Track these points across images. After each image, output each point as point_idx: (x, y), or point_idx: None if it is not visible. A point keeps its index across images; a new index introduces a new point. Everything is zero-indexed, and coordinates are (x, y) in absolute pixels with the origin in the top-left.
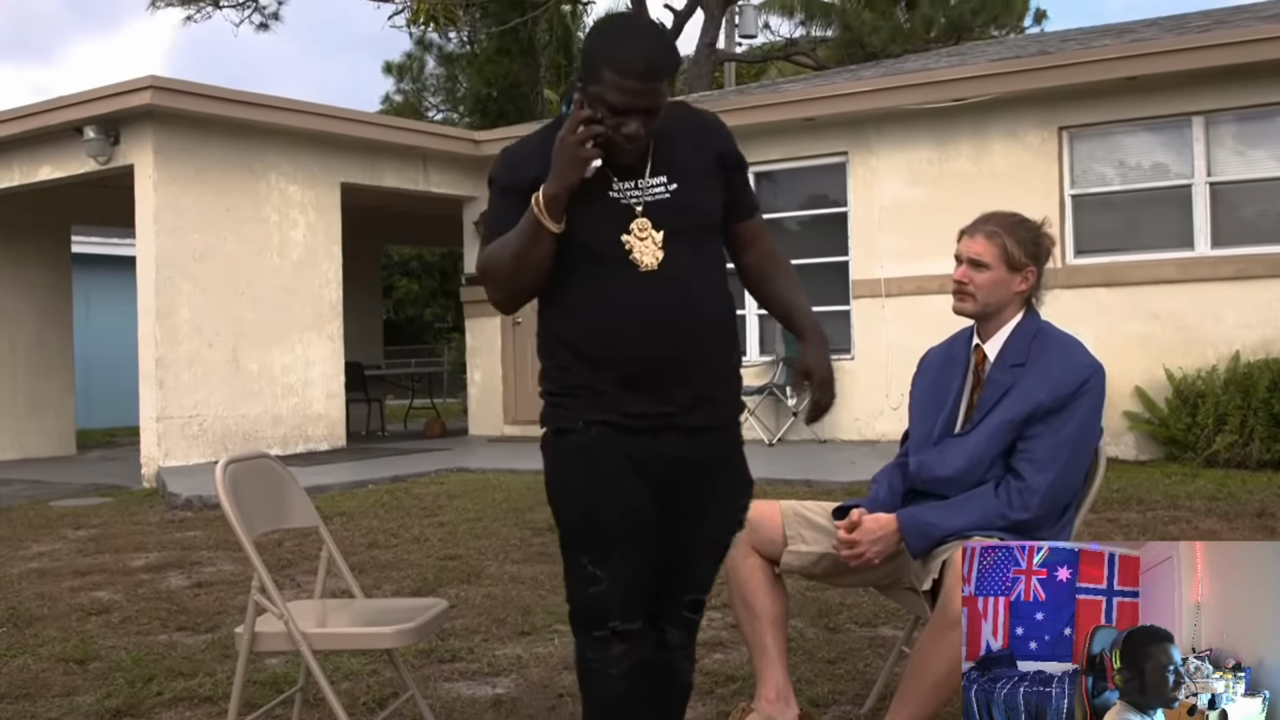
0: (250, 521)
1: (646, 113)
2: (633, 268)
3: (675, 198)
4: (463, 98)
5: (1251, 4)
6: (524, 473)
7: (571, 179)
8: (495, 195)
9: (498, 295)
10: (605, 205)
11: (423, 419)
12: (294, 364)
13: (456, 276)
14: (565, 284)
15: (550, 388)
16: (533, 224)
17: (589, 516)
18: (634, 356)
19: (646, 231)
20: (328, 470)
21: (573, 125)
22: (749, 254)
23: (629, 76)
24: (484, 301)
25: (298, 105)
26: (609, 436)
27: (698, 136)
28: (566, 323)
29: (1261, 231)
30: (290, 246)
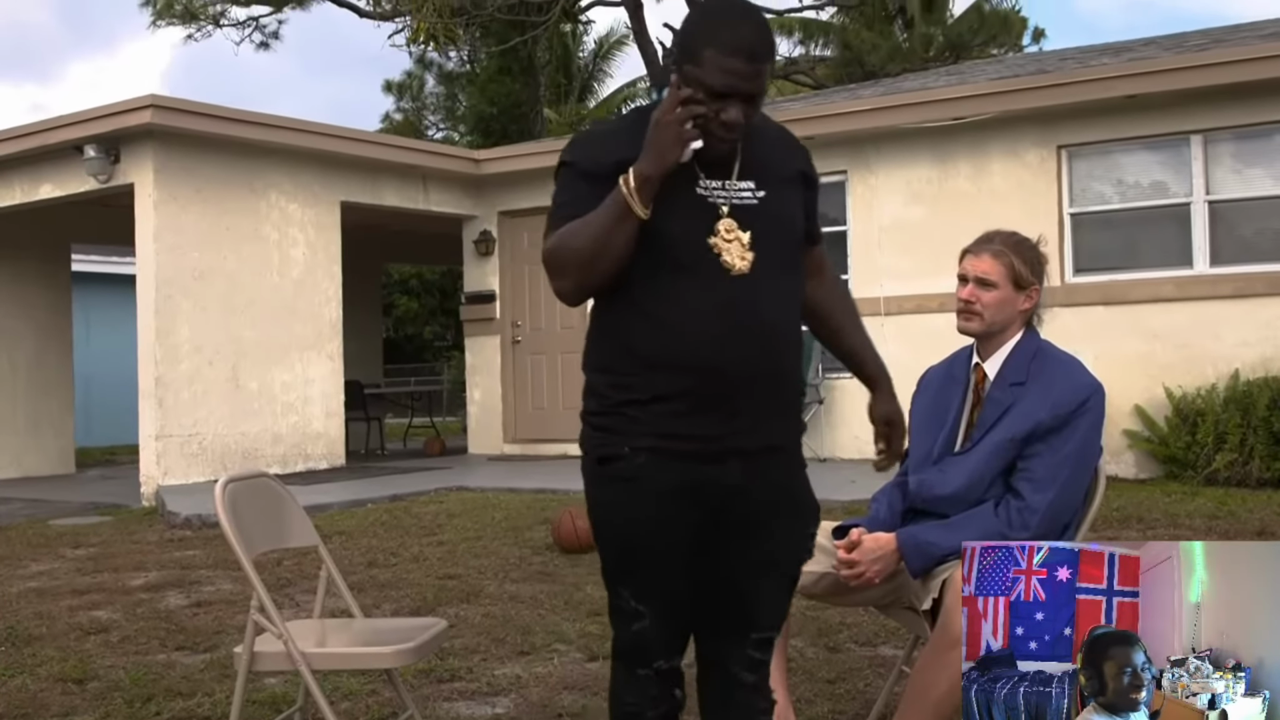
0: (249, 541)
1: (748, 99)
2: (722, 270)
3: (763, 205)
4: (462, 116)
5: (1249, 23)
6: (523, 491)
7: (670, 159)
8: (570, 179)
9: (567, 283)
10: (691, 201)
11: (422, 437)
12: (294, 382)
13: (456, 295)
14: (639, 284)
15: (596, 406)
16: (620, 206)
17: (633, 551)
18: (717, 367)
19: (733, 233)
20: (327, 489)
21: (672, 104)
22: (811, 283)
23: (733, 56)
24: (484, 320)
25: (298, 124)
26: (659, 464)
27: (784, 148)
28: (638, 328)
29: (1260, 250)
30: (290, 265)
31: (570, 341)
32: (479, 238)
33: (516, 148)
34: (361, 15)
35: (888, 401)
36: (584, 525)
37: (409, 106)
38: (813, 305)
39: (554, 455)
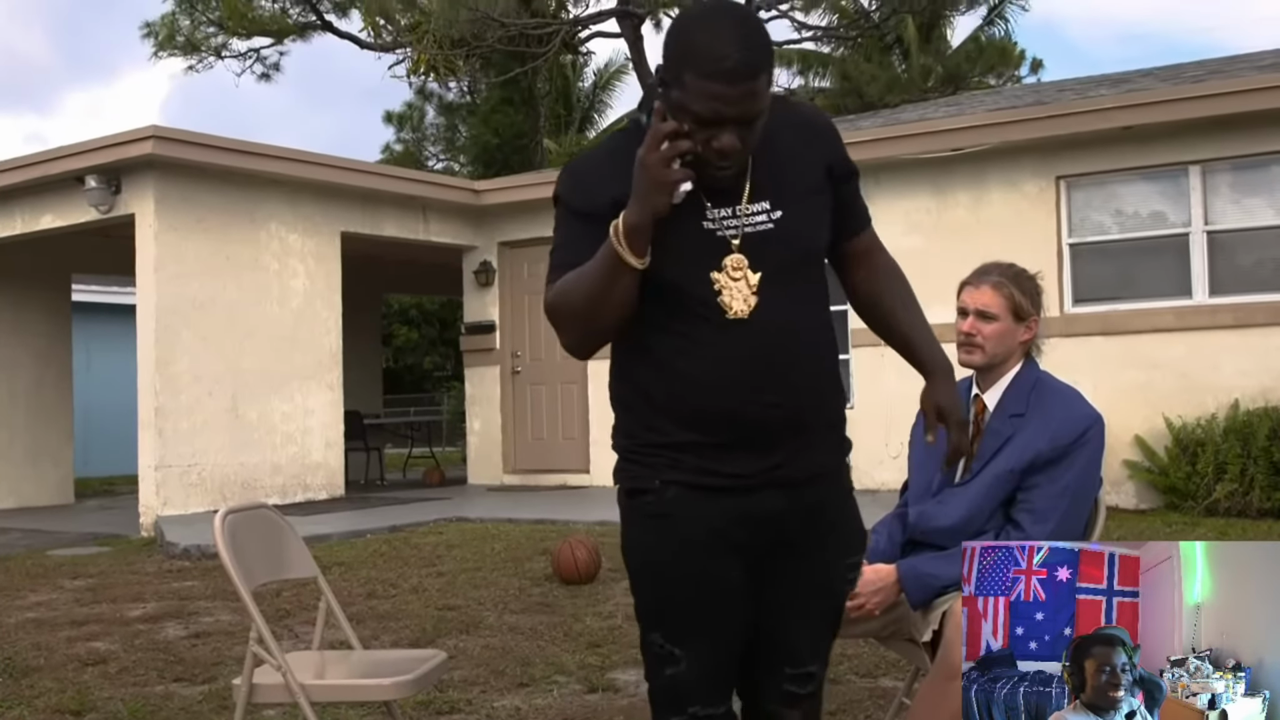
0: (248, 572)
1: (742, 122)
2: (720, 313)
3: (780, 228)
4: (463, 147)
5: (1246, 54)
6: (523, 522)
7: (657, 206)
8: (564, 218)
9: (569, 340)
10: (696, 237)
11: (422, 468)
12: (293, 413)
13: (456, 325)
14: (647, 329)
15: (624, 441)
16: (611, 258)
17: (664, 591)
18: (722, 417)
19: (741, 271)
20: (326, 520)
21: (654, 142)
22: (860, 272)
23: (715, 79)
24: (484, 350)
25: (298, 155)
26: (691, 499)
27: (803, 143)
28: (644, 372)
29: (1259, 279)
30: (290, 295)
31: (570, 372)
32: (479, 268)
33: (516, 178)
34: (362, 46)
35: (940, 391)
36: (583, 556)
37: (409, 137)
38: (860, 294)
39: (553, 486)
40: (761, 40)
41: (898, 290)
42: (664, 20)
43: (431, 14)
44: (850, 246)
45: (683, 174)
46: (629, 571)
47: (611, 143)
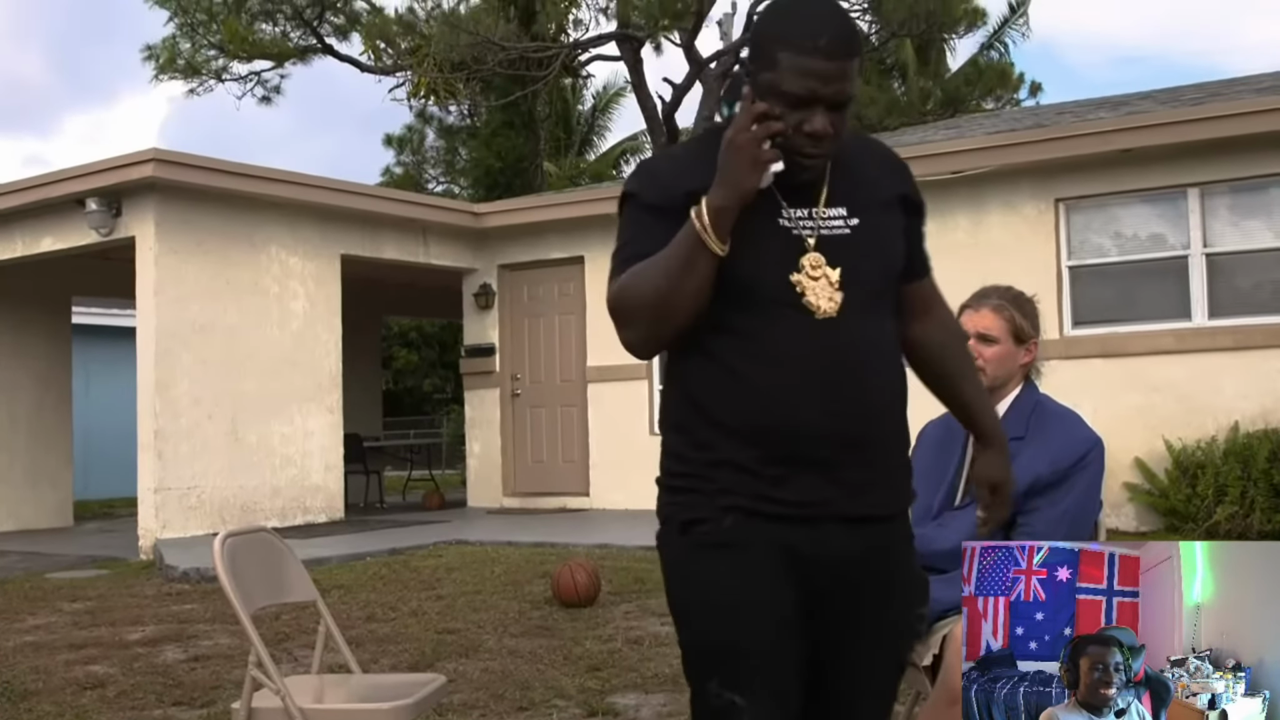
0: (248, 595)
1: (834, 104)
2: (806, 314)
3: (856, 235)
4: (463, 170)
5: (1243, 77)
6: (523, 545)
7: (747, 186)
8: (634, 213)
9: (636, 334)
10: (772, 234)
11: (421, 490)
12: (293, 435)
13: (456, 348)
14: (713, 331)
15: (677, 467)
16: (692, 243)
17: (725, 630)
18: (804, 427)
19: (820, 269)
20: (326, 543)
21: (746, 121)
22: (919, 324)
23: (812, 55)
24: (483, 373)
25: (298, 178)
26: (754, 527)
27: (880, 168)
28: (704, 382)
29: (1258, 302)
30: (290, 318)
31: (569, 395)
32: (479, 291)
33: (516, 201)
34: (363, 70)
35: (995, 464)
36: (583, 579)
37: (409, 160)
38: (920, 348)
39: (553, 509)
40: (853, 24)
41: (960, 352)
42: (663, 43)
43: (432, 38)
44: (912, 291)
45: (773, 154)
46: (679, 614)
47: (688, 144)
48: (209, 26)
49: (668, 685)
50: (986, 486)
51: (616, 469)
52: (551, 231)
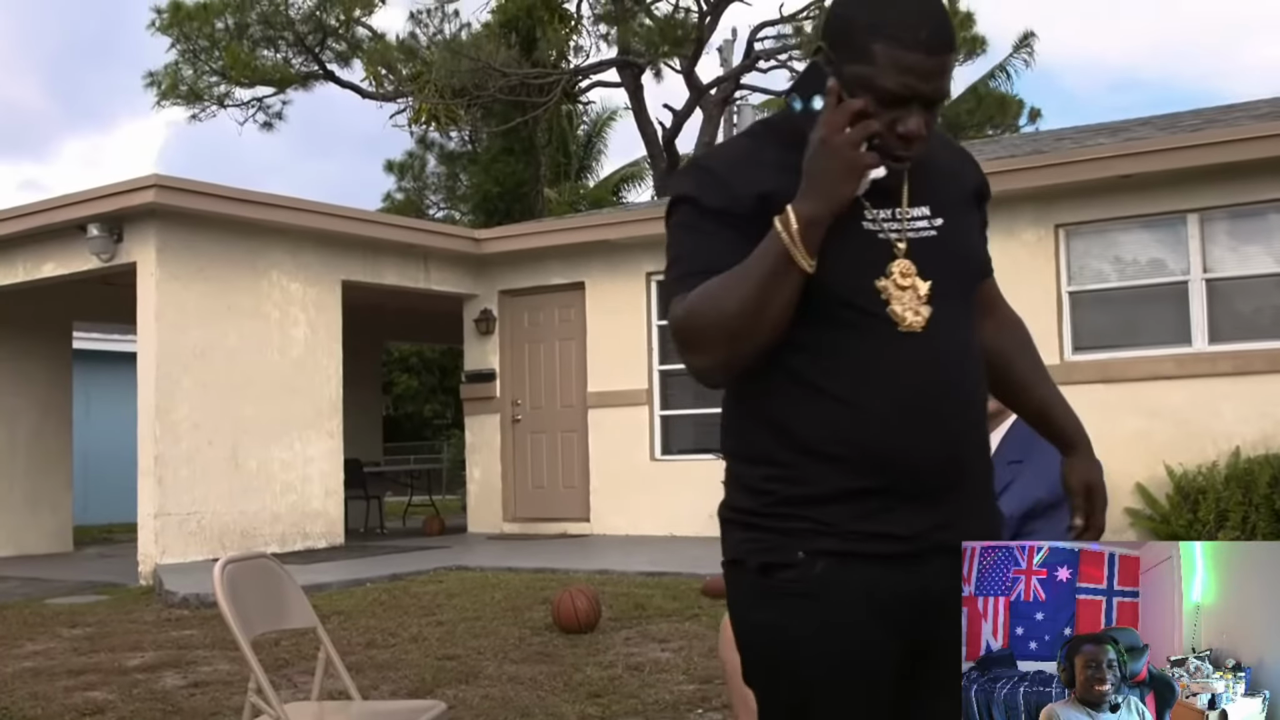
0: (247, 621)
1: (930, 103)
2: (890, 326)
3: (943, 236)
4: (463, 196)
5: (1242, 103)
6: (523, 571)
7: (844, 194)
8: (693, 220)
9: (710, 359)
10: (857, 238)
11: (422, 516)
12: (293, 461)
13: (456, 373)
14: (793, 347)
15: (751, 503)
16: (779, 258)
17: (811, 690)
18: (892, 455)
19: (910, 277)
20: (326, 568)
21: (840, 120)
22: (988, 323)
23: (913, 49)
24: (484, 399)
25: (299, 204)
26: (846, 572)
27: (952, 158)
28: (784, 404)
29: (1258, 327)
30: (291, 344)
31: (570, 420)
32: (479, 316)
33: (517, 227)
34: (364, 96)
35: (1087, 466)
36: (584, 605)
37: (410, 186)
38: (990, 353)
39: (553, 534)
40: (950, 20)
41: (1031, 351)
42: (663, 70)
43: (433, 64)
44: (981, 290)
45: (874, 158)
46: (753, 664)
47: (739, 140)
48: (211, 53)
49: (668, 712)
50: (1081, 492)
51: (617, 494)
52: (552, 257)
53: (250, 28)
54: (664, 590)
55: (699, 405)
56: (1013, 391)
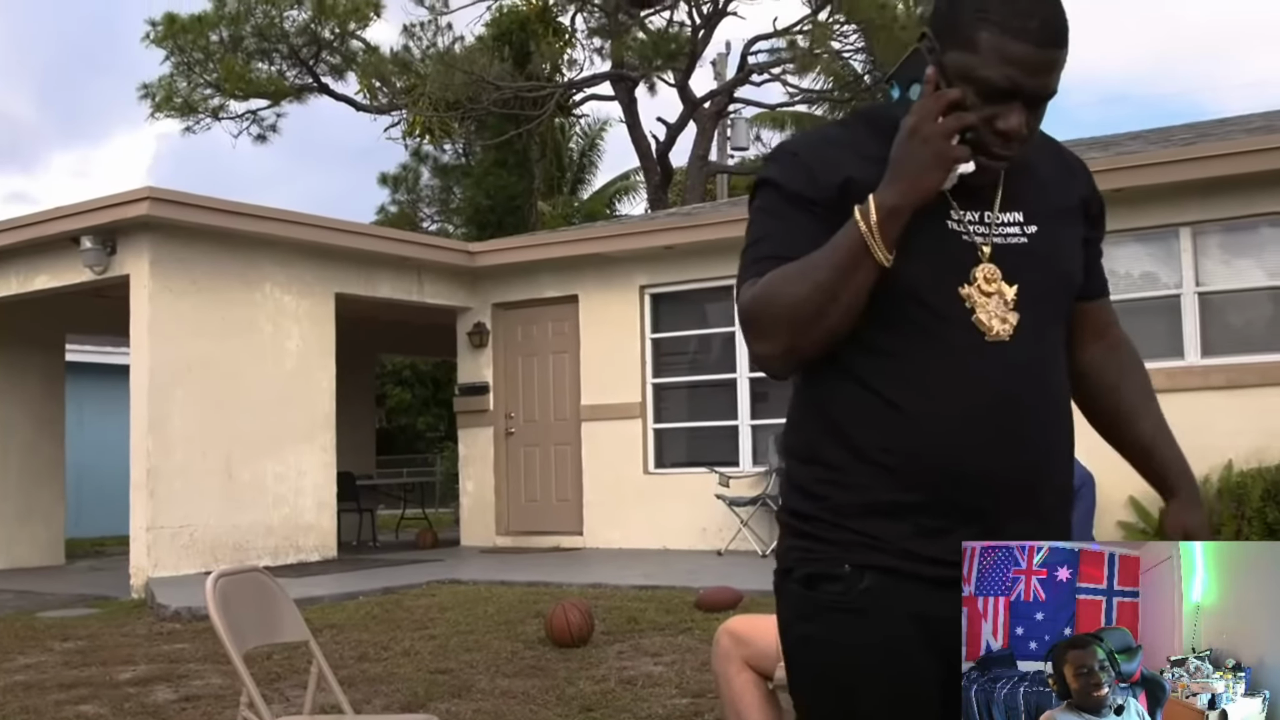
0: (239, 635)
1: (1035, 100)
2: (975, 333)
3: (1035, 244)
4: (457, 209)
5: (1234, 117)
6: (516, 584)
7: (930, 185)
8: (774, 204)
9: (774, 346)
10: (940, 237)
11: (415, 529)
12: (286, 474)
13: (449, 386)
14: (861, 348)
15: (806, 507)
16: (855, 248)
17: (852, 708)
18: (971, 470)
19: (995, 283)
20: (318, 581)
21: (935, 109)
22: (1095, 348)
23: (1021, 39)
24: (477, 412)
25: (293, 216)
26: (893, 589)
27: (1061, 169)
28: (859, 409)
29: (1251, 340)
30: (284, 356)
31: (563, 433)
32: (473, 329)
33: (510, 240)
34: (358, 109)
35: (1190, 512)
36: (576, 619)
37: (404, 199)
38: (1091, 378)
39: (546, 548)
40: (1065, 13)
41: (1142, 383)
42: (657, 83)
43: (427, 77)
44: (1088, 311)
45: (965, 151)
46: (798, 677)
47: (837, 124)
48: (206, 65)
49: None
50: (1180, 538)
51: (610, 508)
52: (545, 271)
53: (245, 40)
54: (657, 604)
55: (692, 419)
56: (1116, 424)
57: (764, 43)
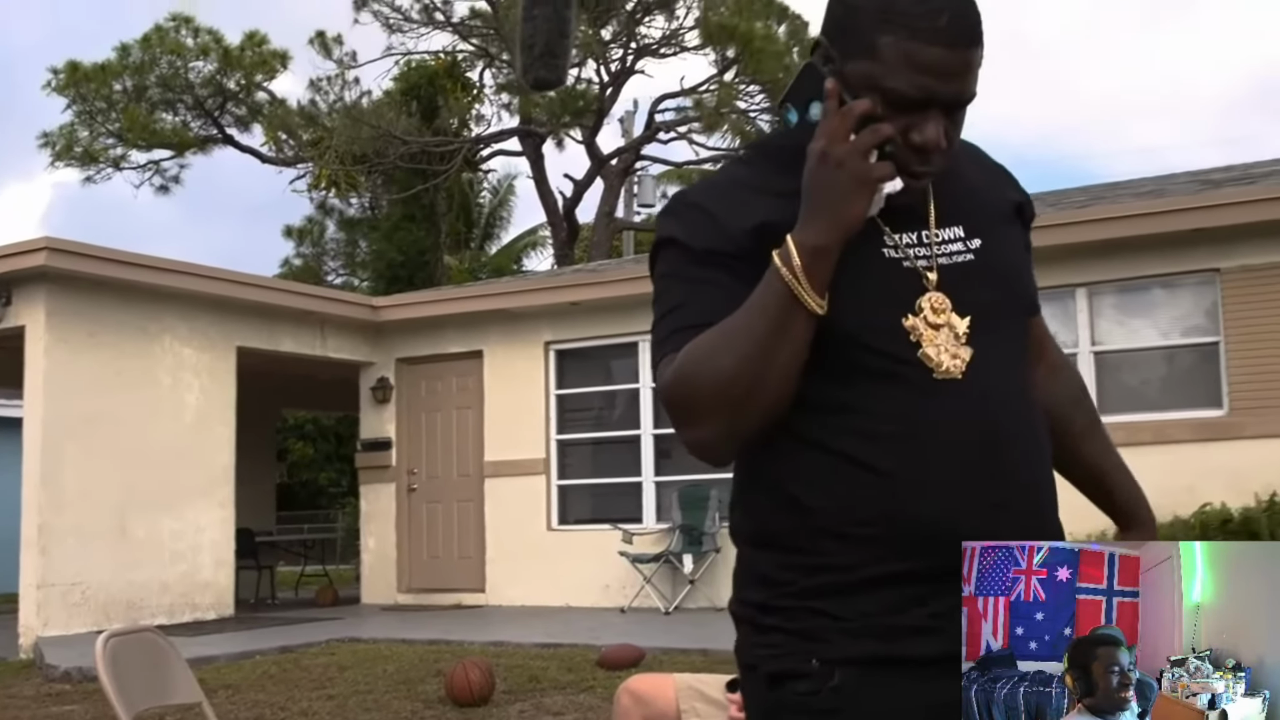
0: (130, 698)
1: (952, 107)
2: (924, 373)
3: (983, 259)
4: (363, 262)
5: (1127, 180)
6: (417, 643)
7: (853, 216)
8: (680, 265)
9: (709, 432)
10: (878, 269)
11: (315, 586)
12: (183, 531)
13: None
14: (814, 406)
15: (762, 595)
16: (781, 300)
17: None
18: (929, 532)
19: (943, 313)
20: (214, 640)
21: (844, 126)
22: (1037, 370)
23: (929, 41)
24: (380, 467)
25: (194, 269)
26: (874, 683)
27: (989, 173)
28: (813, 474)
29: (1145, 399)
30: (183, 410)
31: (466, 490)
32: (376, 384)
33: (415, 295)
34: (264, 160)
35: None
36: (477, 678)
37: (309, 252)
38: (1043, 404)
39: (448, 605)
40: (974, 4)
41: (1086, 402)
42: (565, 140)
43: (334, 130)
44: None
45: (888, 168)
46: None
47: (732, 167)
48: (108, 115)
49: None
50: None
51: (513, 565)
52: (450, 325)
53: (149, 90)
54: (559, 662)
55: (596, 475)
56: (1068, 450)
57: (671, 101)
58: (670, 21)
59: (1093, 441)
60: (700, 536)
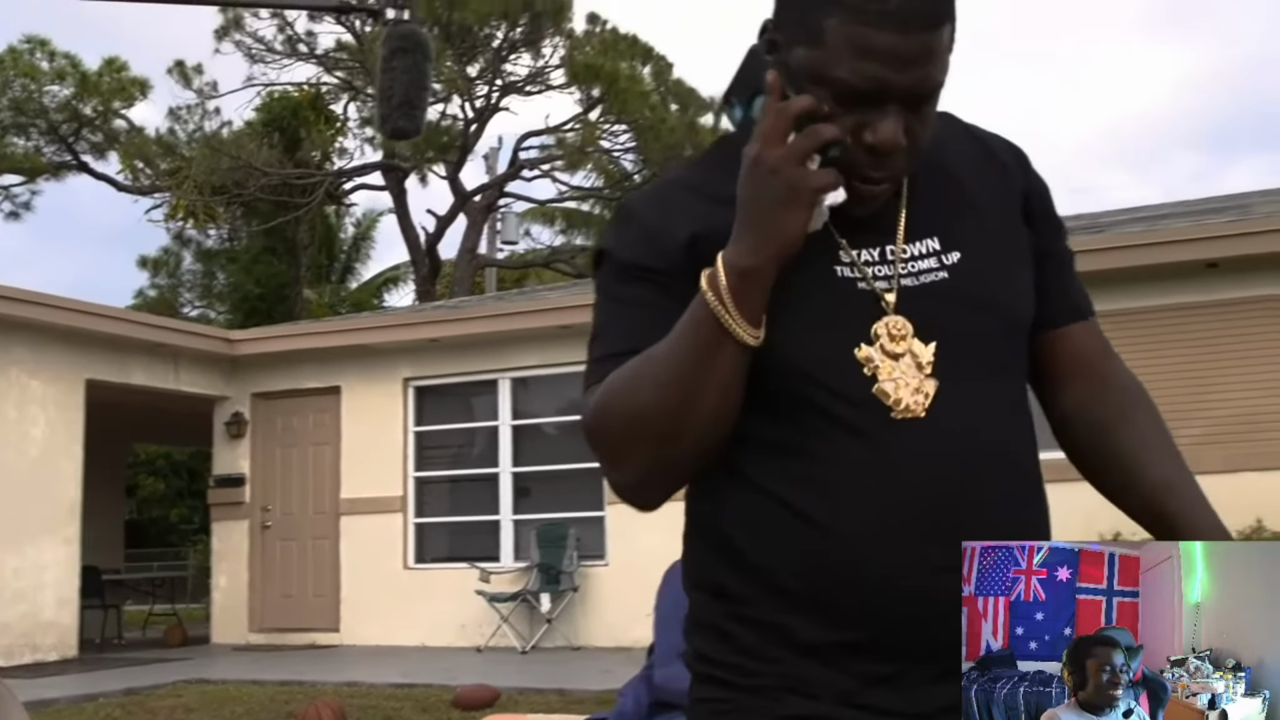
0: None
1: (912, 100)
2: (878, 412)
3: (958, 278)
4: (220, 294)
5: None
6: (268, 683)
7: (789, 233)
8: (610, 284)
9: (633, 471)
10: (828, 291)
11: (163, 625)
12: (25, 568)
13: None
14: (756, 445)
15: (710, 647)
16: (707, 328)
17: None
18: (887, 595)
19: (903, 340)
20: (55, 683)
21: (779, 126)
22: (1077, 389)
23: (879, 24)
24: (232, 504)
25: (42, 298)
26: None
27: (981, 162)
28: (761, 522)
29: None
30: (28, 444)
31: (322, 527)
32: (230, 419)
33: (272, 329)
34: (119, 189)
35: None
36: (329, 718)
37: (165, 283)
38: (1076, 428)
39: (302, 645)
40: None
41: (1141, 419)
42: (428, 175)
43: (192, 160)
44: (1058, 341)
45: (830, 177)
46: None
47: (684, 168)
48: None
49: None
50: None
51: (369, 603)
52: (307, 361)
53: (0, 114)
54: (414, 702)
55: (454, 513)
56: (1118, 482)
57: (535, 139)
58: (536, 60)
59: (1153, 467)
60: (558, 575)
